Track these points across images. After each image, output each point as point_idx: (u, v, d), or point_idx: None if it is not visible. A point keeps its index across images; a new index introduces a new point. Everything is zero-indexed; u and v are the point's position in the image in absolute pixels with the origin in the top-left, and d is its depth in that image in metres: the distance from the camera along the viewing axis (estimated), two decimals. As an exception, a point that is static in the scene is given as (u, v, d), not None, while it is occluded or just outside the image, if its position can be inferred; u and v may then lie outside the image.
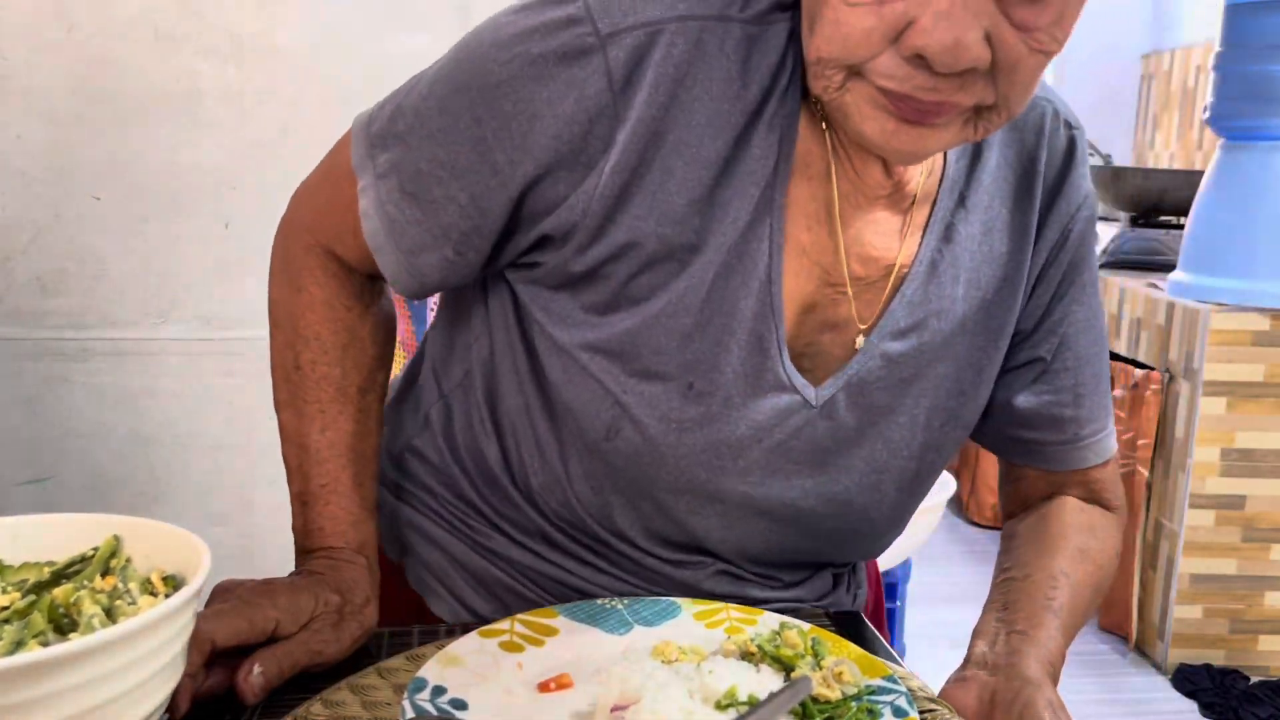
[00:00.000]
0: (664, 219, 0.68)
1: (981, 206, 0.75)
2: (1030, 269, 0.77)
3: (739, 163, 0.68)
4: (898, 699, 0.63)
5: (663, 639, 0.69)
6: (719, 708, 0.60)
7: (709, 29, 0.66)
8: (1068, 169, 0.78)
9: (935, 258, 0.74)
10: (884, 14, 0.57)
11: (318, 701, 0.64)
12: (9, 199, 2.73)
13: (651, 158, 0.66)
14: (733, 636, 0.70)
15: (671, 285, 0.69)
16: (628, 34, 0.64)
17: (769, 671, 0.65)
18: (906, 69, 0.58)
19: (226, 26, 2.75)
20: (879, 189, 0.72)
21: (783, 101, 0.68)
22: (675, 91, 0.65)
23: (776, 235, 0.69)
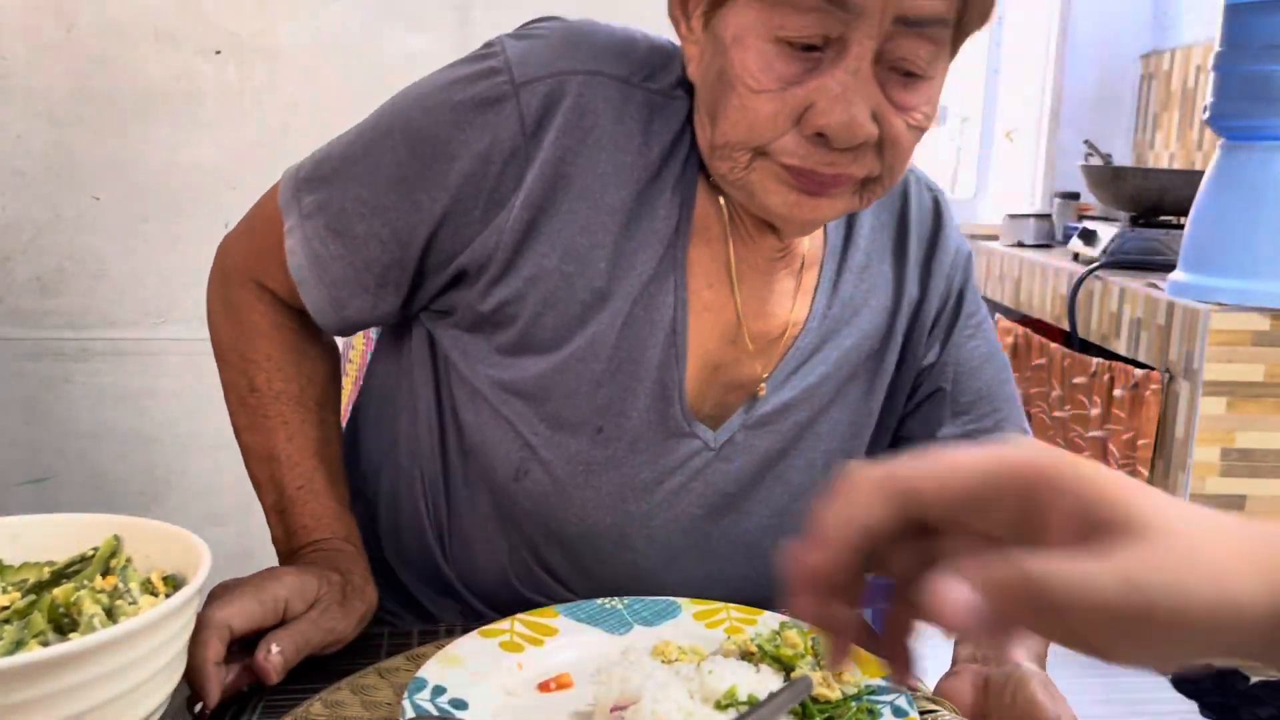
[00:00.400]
0: (567, 257, 0.73)
1: (860, 267, 0.83)
2: (923, 318, 0.85)
3: (643, 218, 0.74)
4: (898, 699, 0.63)
5: (663, 639, 0.69)
6: (719, 708, 0.60)
7: (616, 88, 0.73)
8: (939, 226, 0.86)
9: (824, 316, 0.81)
10: (786, 99, 0.65)
11: (318, 701, 0.64)
12: (9, 199, 2.73)
13: (557, 198, 0.72)
14: (733, 636, 0.70)
15: (582, 332, 0.74)
16: (540, 82, 0.71)
17: (769, 671, 0.65)
18: (808, 147, 0.66)
19: (226, 26, 2.74)
20: (772, 254, 0.79)
21: (683, 169, 0.75)
22: (581, 138, 0.72)
23: (680, 290, 0.76)
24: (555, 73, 0.72)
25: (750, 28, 0.65)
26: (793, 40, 0.64)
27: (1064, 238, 3.17)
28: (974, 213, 3.61)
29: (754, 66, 0.65)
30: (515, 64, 0.72)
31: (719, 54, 0.68)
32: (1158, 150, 3.39)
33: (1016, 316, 3.17)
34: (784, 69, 0.65)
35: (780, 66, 0.65)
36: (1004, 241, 3.33)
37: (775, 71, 0.65)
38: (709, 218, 0.77)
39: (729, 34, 0.67)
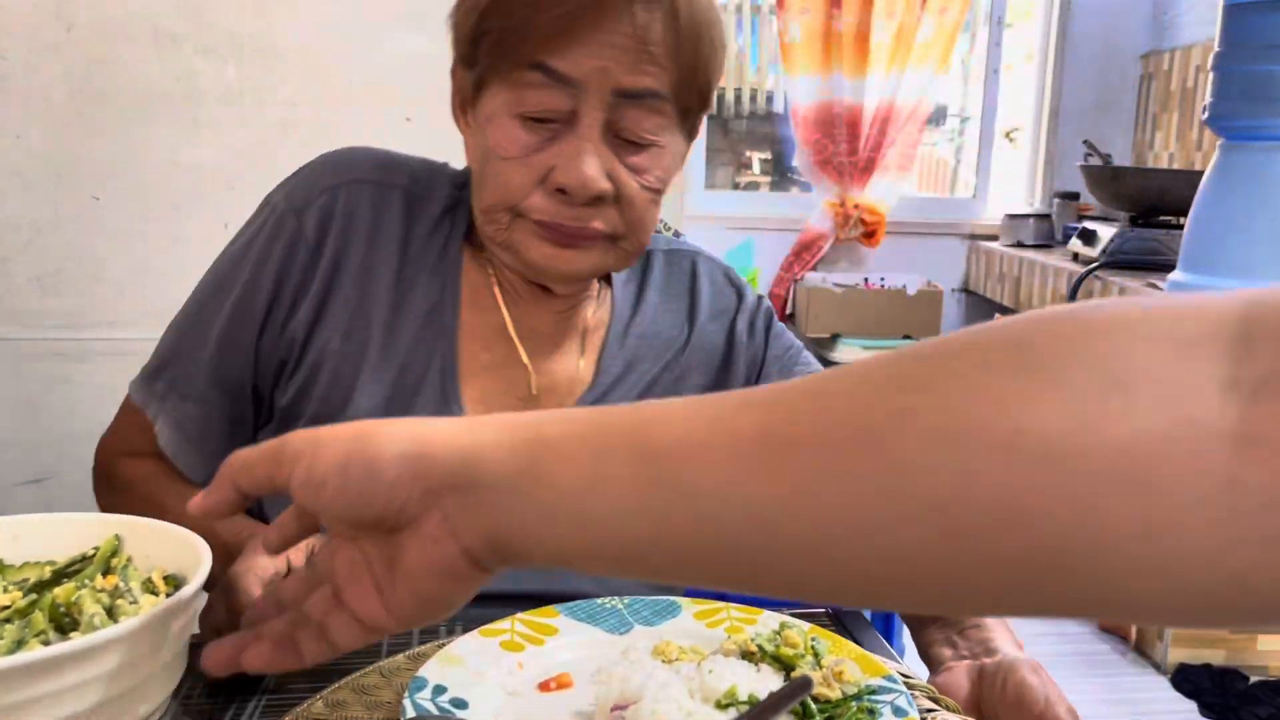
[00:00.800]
0: (345, 338, 0.84)
1: (644, 333, 0.93)
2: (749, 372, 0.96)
3: (406, 295, 0.86)
4: (897, 698, 0.63)
5: (663, 638, 0.69)
6: (719, 707, 0.60)
7: (376, 190, 0.87)
8: (730, 293, 0.98)
9: (612, 371, 0.91)
10: (531, 164, 0.78)
11: (319, 701, 0.64)
12: (9, 199, 2.73)
13: (335, 290, 0.85)
14: (733, 636, 0.70)
15: (356, 400, 0.83)
16: (314, 203, 0.85)
17: (769, 671, 0.65)
18: (553, 203, 0.79)
19: (226, 26, 2.74)
20: (555, 317, 0.90)
21: (444, 249, 0.88)
22: (351, 236, 0.85)
23: (449, 356, 0.86)
24: (325, 189, 0.86)
25: (499, 109, 0.78)
26: (531, 115, 0.77)
27: (1064, 238, 3.17)
28: (974, 213, 3.61)
29: (503, 140, 0.78)
30: (289, 198, 0.86)
31: (480, 134, 0.80)
32: (1157, 150, 3.39)
33: (1016, 316, 3.16)
34: (527, 140, 0.78)
35: (524, 138, 0.78)
36: (1004, 241, 3.33)
37: (520, 142, 0.78)
38: (479, 289, 0.89)
39: (484, 116, 0.80)
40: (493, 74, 0.78)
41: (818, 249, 3.42)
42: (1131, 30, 3.49)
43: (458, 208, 0.90)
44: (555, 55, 0.75)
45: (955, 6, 3.27)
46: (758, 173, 4.17)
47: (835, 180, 3.37)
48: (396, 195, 0.87)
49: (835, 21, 3.26)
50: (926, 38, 3.28)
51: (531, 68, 0.75)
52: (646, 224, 0.83)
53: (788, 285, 3.44)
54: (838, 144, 3.34)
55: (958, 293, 3.59)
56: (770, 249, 3.40)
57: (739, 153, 4.13)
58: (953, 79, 3.84)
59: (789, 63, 3.33)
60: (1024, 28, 3.81)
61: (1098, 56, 3.51)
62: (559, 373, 0.90)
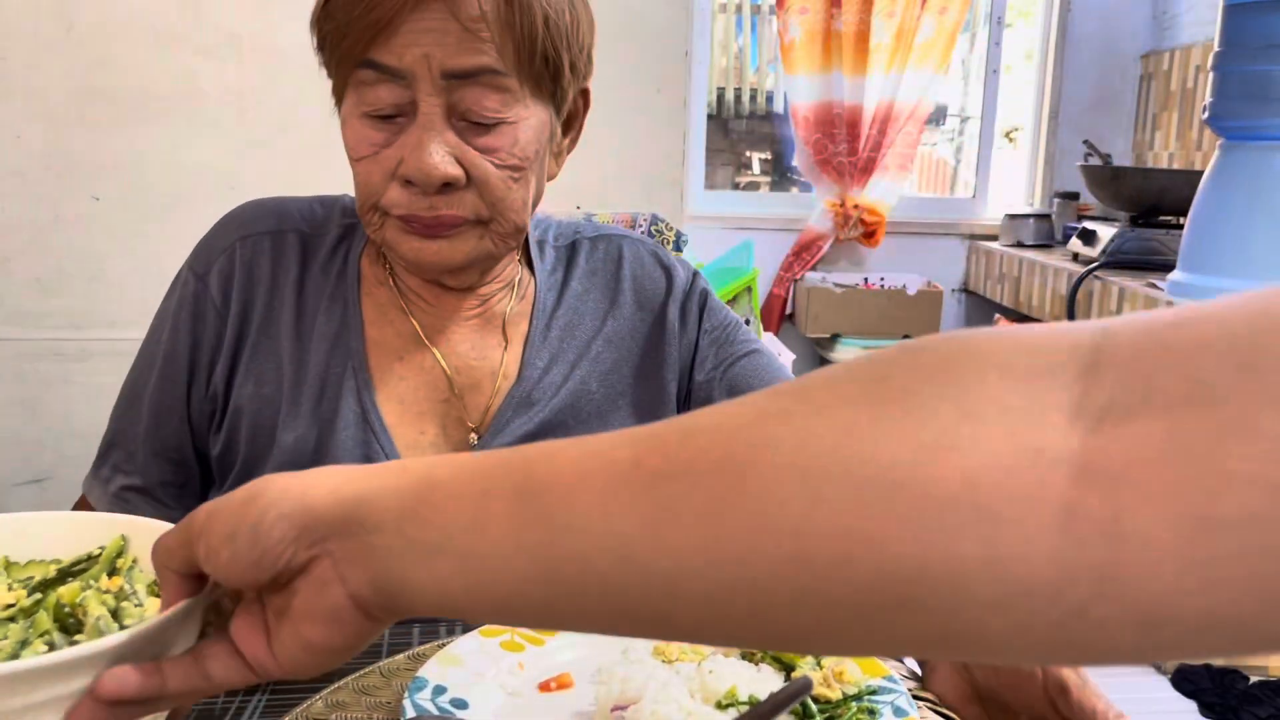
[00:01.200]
0: (260, 382, 0.86)
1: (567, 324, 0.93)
2: (683, 358, 0.95)
3: (309, 330, 0.87)
4: (898, 699, 0.63)
5: (659, 641, 0.69)
6: (719, 707, 0.60)
7: (269, 239, 0.89)
8: (659, 276, 0.97)
9: (537, 364, 0.91)
10: (381, 161, 0.79)
11: (319, 701, 0.64)
12: (8, 199, 2.73)
13: (245, 341, 0.87)
14: None
15: (280, 441, 0.85)
16: (214, 265, 0.89)
17: (769, 670, 0.65)
18: (407, 196, 0.79)
19: (226, 26, 2.74)
20: (466, 313, 0.90)
21: (342, 273, 0.89)
22: (254, 288, 0.88)
23: (361, 375, 0.87)
24: (223, 249, 0.89)
25: (349, 111, 0.80)
26: (374, 113, 0.79)
27: (1064, 238, 3.17)
28: (974, 213, 3.61)
29: (354, 140, 0.80)
30: (193, 264, 0.90)
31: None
32: (1157, 150, 3.39)
33: (1016, 316, 3.17)
34: (374, 137, 0.79)
35: (371, 135, 0.79)
36: (1004, 241, 3.33)
37: (369, 140, 0.79)
38: (385, 304, 0.90)
39: (342, 120, 0.82)
40: (338, 79, 0.81)
41: (817, 249, 3.42)
42: (1131, 30, 3.49)
43: (353, 232, 0.92)
44: (379, 49, 0.76)
45: (955, 6, 3.27)
46: (757, 173, 4.18)
47: (835, 180, 3.37)
48: (292, 239, 0.90)
49: (835, 21, 3.26)
50: (926, 38, 3.28)
51: (362, 65, 0.77)
52: (511, 203, 0.82)
53: (787, 285, 3.44)
54: (838, 144, 3.34)
55: (958, 293, 3.59)
56: (770, 249, 3.40)
57: (739, 153, 4.13)
58: (953, 79, 3.84)
59: (789, 62, 3.33)
60: (1024, 28, 3.81)
61: (1098, 56, 3.51)
62: (481, 369, 0.90)
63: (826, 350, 3.35)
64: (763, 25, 3.97)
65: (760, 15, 3.98)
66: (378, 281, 0.90)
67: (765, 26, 3.94)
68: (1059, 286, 2.82)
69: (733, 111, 4.02)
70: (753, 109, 4.02)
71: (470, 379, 0.89)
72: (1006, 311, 3.25)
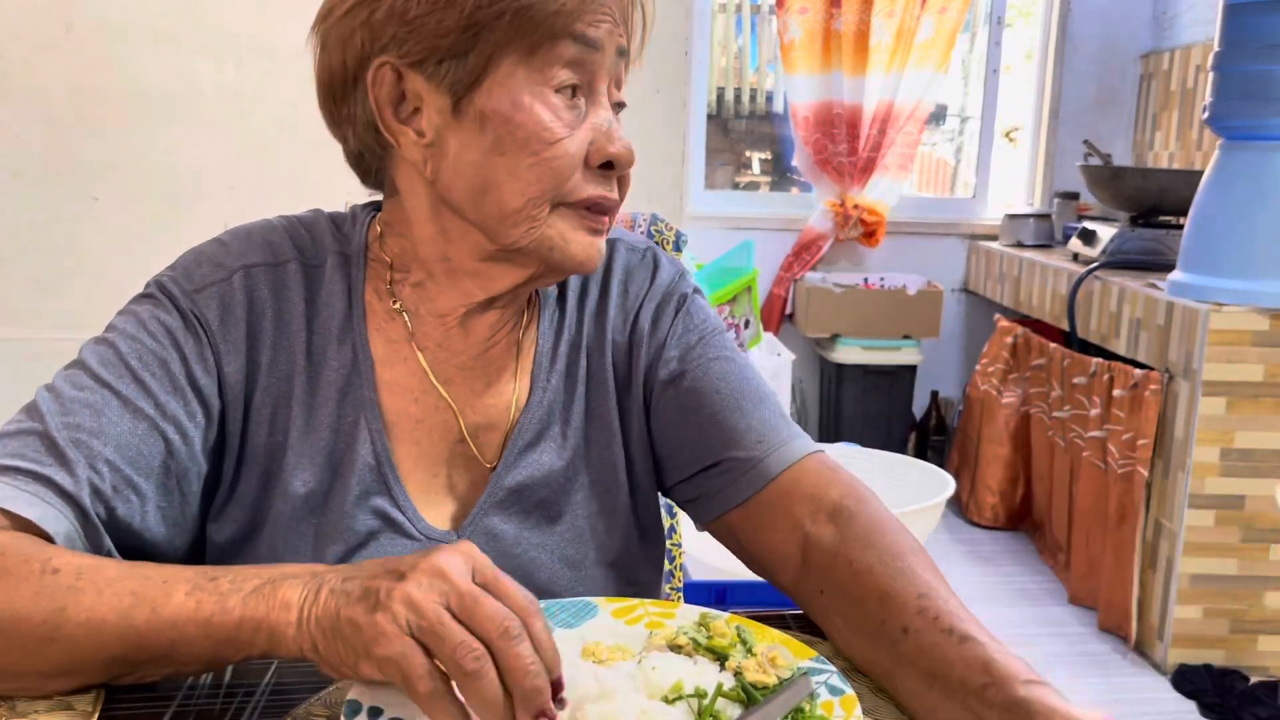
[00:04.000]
0: (272, 429, 0.78)
1: (575, 338, 0.87)
2: (649, 360, 0.87)
3: (319, 372, 0.80)
4: (830, 678, 0.63)
5: (587, 640, 0.69)
6: (667, 701, 0.60)
7: (271, 272, 0.80)
8: (644, 277, 0.90)
9: (549, 389, 0.85)
10: (576, 141, 0.74)
11: (318, 702, 0.64)
12: (9, 199, 2.73)
13: (252, 381, 0.78)
14: (656, 631, 0.70)
15: (290, 488, 0.78)
16: (208, 289, 0.78)
17: (705, 662, 0.65)
18: (596, 179, 0.75)
19: (226, 26, 2.74)
20: (473, 349, 0.83)
21: (347, 315, 0.81)
22: (255, 323, 0.78)
23: (373, 422, 0.80)
24: (215, 280, 0.78)
25: (524, 90, 0.73)
26: (563, 87, 0.73)
27: (1064, 238, 3.17)
28: (974, 213, 3.61)
29: (546, 120, 0.73)
30: (182, 282, 0.78)
31: (493, 128, 0.73)
32: (1157, 150, 3.39)
33: (1016, 316, 3.17)
34: (566, 116, 0.74)
35: (564, 114, 0.74)
36: (1004, 241, 3.33)
37: (563, 120, 0.73)
38: (391, 345, 0.82)
39: (504, 104, 0.73)
40: (503, 57, 0.72)
41: (817, 249, 3.42)
42: (1131, 30, 3.49)
43: (350, 259, 0.82)
44: (584, 22, 0.73)
45: (955, 6, 3.27)
46: (757, 173, 4.18)
47: (835, 180, 3.37)
48: (293, 270, 0.80)
49: (835, 21, 3.26)
50: (926, 37, 3.28)
51: (567, 38, 0.72)
52: None
53: (787, 285, 3.44)
54: (837, 144, 3.34)
55: (958, 293, 3.59)
56: (770, 249, 3.40)
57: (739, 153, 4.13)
58: (953, 79, 3.84)
59: (789, 62, 3.33)
60: (1024, 28, 3.81)
61: (1098, 56, 3.51)
62: (495, 406, 0.84)
63: (826, 350, 3.35)
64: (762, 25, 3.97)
65: (760, 15, 3.98)
66: (386, 314, 0.82)
67: (765, 26, 3.94)
68: (1059, 286, 2.82)
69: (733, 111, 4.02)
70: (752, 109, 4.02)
71: (484, 418, 0.84)
72: (1006, 311, 3.25)
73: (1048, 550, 2.88)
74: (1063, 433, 2.75)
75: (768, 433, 0.83)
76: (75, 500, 0.67)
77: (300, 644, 0.57)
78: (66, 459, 0.68)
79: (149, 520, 0.72)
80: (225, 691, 0.67)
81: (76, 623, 0.59)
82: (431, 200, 0.77)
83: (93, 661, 0.60)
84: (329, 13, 0.76)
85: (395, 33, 0.73)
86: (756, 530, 0.81)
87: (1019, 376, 3.06)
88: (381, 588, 0.55)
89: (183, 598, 0.59)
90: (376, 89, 0.74)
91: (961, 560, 2.89)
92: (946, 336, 3.51)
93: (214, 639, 0.59)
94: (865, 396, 3.33)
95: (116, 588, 0.60)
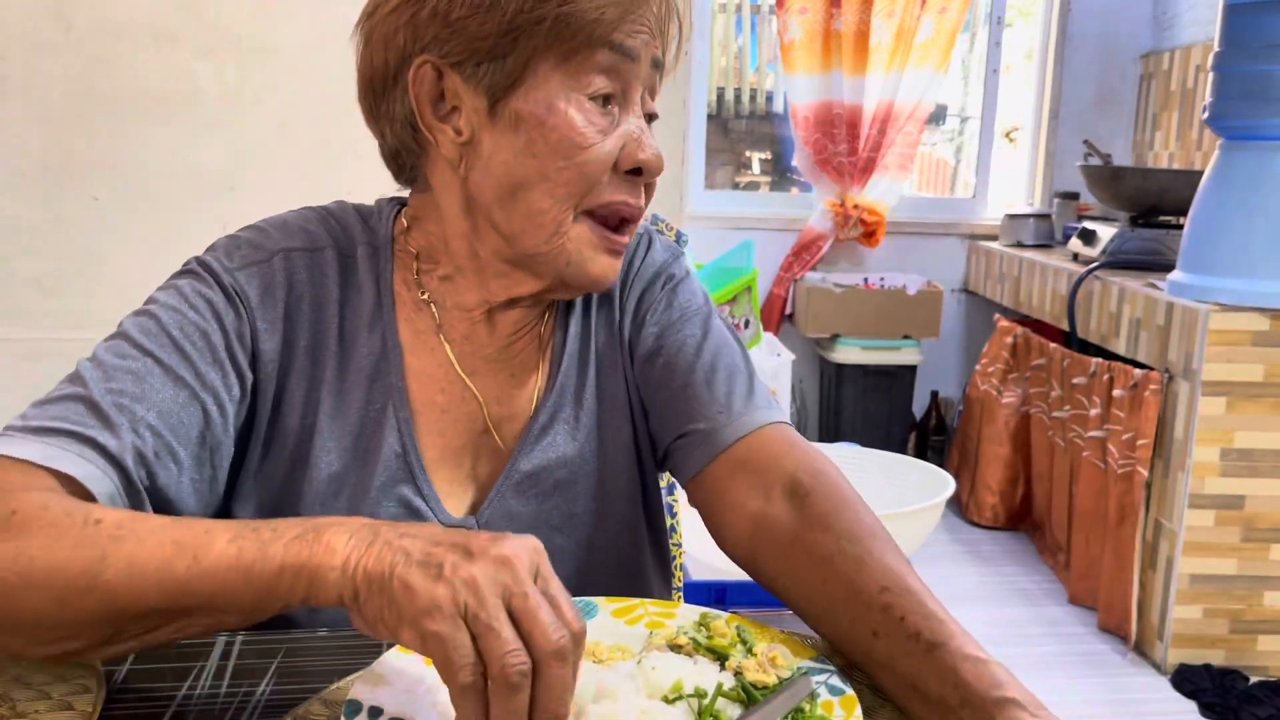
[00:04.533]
0: (305, 411, 0.80)
1: (579, 326, 0.88)
2: (631, 333, 0.88)
3: (350, 358, 0.81)
4: (830, 678, 0.63)
5: (589, 640, 0.69)
6: (667, 701, 0.60)
7: (307, 257, 0.81)
8: (639, 254, 0.91)
9: (569, 376, 0.86)
10: (607, 147, 0.75)
11: (318, 702, 0.64)
12: (8, 200, 2.73)
13: (287, 362, 0.79)
14: (655, 631, 0.70)
15: (315, 471, 0.79)
16: (250, 268, 0.79)
17: (705, 662, 0.65)
18: (623, 185, 0.77)
19: (226, 26, 2.74)
20: (498, 342, 0.85)
21: (378, 301, 0.82)
22: (293, 304, 0.80)
23: (400, 410, 0.81)
24: (256, 261, 0.79)
25: (559, 94, 0.74)
26: (597, 95, 0.75)
27: (1064, 238, 3.17)
28: (974, 213, 3.61)
29: (579, 124, 0.74)
30: (222, 259, 0.79)
31: (526, 130, 0.75)
32: (1157, 150, 3.39)
33: (1016, 316, 3.17)
34: (599, 121, 0.75)
35: (597, 120, 0.75)
36: (1004, 241, 3.33)
37: (595, 125, 0.75)
38: (421, 333, 0.83)
39: (539, 107, 0.74)
40: (541, 61, 0.74)
41: (817, 249, 3.42)
42: (1131, 30, 3.49)
43: (379, 249, 0.84)
44: (624, 33, 0.74)
45: (955, 6, 3.27)
46: (757, 173, 4.18)
47: (835, 180, 3.37)
48: (329, 256, 0.82)
49: (835, 21, 3.26)
50: (926, 37, 3.28)
51: (604, 47, 0.74)
52: None
53: (787, 285, 3.44)
54: (837, 144, 3.34)
55: (958, 293, 3.59)
56: (770, 249, 3.40)
57: (739, 152, 4.13)
58: (953, 79, 3.84)
59: (789, 62, 3.33)
60: (1024, 28, 3.81)
61: (1098, 56, 3.51)
62: (519, 398, 0.86)
63: (826, 350, 3.35)
64: (762, 25, 3.97)
65: (760, 15, 3.98)
66: (414, 305, 0.84)
67: (765, 26, 3.94)
68: (1059, 286, 2.82)
69: (732, 111, 4.02)
70: (752, 109, 4.02)
71: (508, 410, 0.85)
72: (1006, 311, 3.25)
73: (1047, 550, 2.88)
74: (1063, 433, 2.75)
75: (731, 403, 0.83)
76: (119, 462, 0.67)
77: (341, 590, 0.54)
78: (111, 422, 0.68)
79: (183, 490, 0.73)
80: (225, 691, 0.67)
81: (116, 569, 0.57)
82: (464, 198, 0.79)
83: (129, 612, 0.58)
84: (374, 10, 0.78)
85: (437, 33, 0.74)
86: (711, 503, 0.82)
87: (1019, 376, 3.06)
88: (447, 560, 0.52)
89: (224, 545, 0.57)
90: (417, 87, 0.76)
91: (961, 560, 2.89)
92: (946, 336, 3.51)
93: (255, 586, 0.57)
94: (865, 396, 3.33)
95: (160, 536, 0.59)
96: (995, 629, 2.45)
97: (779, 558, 0.75)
